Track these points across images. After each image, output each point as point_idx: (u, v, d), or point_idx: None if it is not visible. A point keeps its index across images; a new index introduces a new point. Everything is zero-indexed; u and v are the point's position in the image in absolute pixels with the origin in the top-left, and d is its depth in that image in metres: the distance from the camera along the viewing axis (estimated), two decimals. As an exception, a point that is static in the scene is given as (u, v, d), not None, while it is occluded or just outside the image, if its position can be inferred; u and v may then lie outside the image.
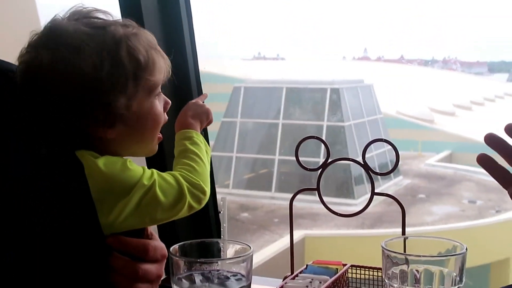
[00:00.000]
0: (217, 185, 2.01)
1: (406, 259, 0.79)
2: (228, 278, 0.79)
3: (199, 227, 1.87)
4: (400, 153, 1.30)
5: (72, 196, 0.98)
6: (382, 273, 0.82)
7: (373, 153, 15.21)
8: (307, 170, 1.35)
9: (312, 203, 14.12)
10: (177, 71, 1.80)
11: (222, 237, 1.85)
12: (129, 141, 1.06)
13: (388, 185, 17.83)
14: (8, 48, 1.07)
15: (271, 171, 18.48)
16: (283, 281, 1.20)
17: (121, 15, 1.68)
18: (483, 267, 14.01)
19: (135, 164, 1.04)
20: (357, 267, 1.25)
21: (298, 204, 2.20)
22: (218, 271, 0.79)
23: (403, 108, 26.01)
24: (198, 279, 0.78)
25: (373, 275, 1.23)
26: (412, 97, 27.93)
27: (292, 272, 1.25)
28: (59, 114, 1.00)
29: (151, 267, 1.05)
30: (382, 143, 1.34)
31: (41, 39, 1.03)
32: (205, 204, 1.83)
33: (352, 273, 1.24)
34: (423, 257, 0.80)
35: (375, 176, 1.23)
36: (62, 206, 0.97)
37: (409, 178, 19.99)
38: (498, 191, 17.76)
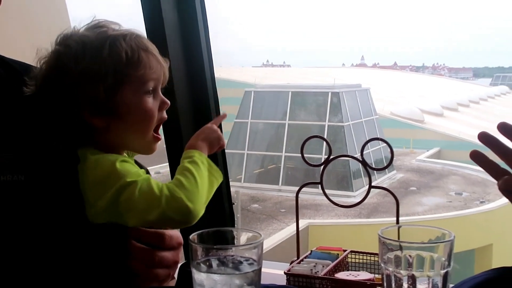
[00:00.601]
0: (230, 179, 2.01)
1: (400, 245, 0.79)
2: (241, 262, 0.79)
3: (215, 217, 1.87)
4: (393, 150, 1.29)
5: (63, 186, 1.02)
6: (378, 258, 0.82)
7: (369, 150, 15.16)
8: (311, 165, 1.34)
9: (315, 195, 14.10)
10: (195, 78, 1.81)
11: (235, 226, 1.85)
12: (123, 133, 1.07)
13: (383, 179, 17.76)
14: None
15: (279, 166, 18.45)
16: (290, 265, 1.20)
17: (146, 32, 1.69)
18: (469, 252, 13.94)
19: (130, 165, 1.03)
20: (356, 252, 1.25)
21: (302, 196, 2.21)
22: (232, 256, 0.79)
23: (396, 109, 25.89)
24: (214, 263, 0.78)
25: (370, 260, 1.22)
26: (404, 100, 27.80)
27: (298, 257, 1.25)
28: (57, 105, 1.03)
29: (168, 254, 1.06)
30: (377, 141, 1.33)
31: (55, 42, 1.07)
32: (220, 196, 1.85)
33: (351, 258, 1.24)
34: (415, 243, 0.80)
35: (372, 170, 1.23)
36: (58, 194, 1.02)
37: (402, 172, 19.90)
38: (482, 184, 17.64)
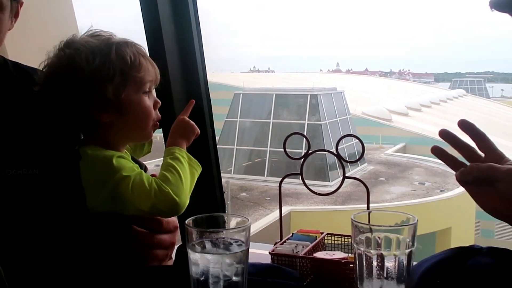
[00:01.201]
0: (221, 171, 2.01)
1: (370, 228, 0.80)
2: (231, 244, 0.79)
3: (208, 204, 1.87)
4: (365, 145, 1.30)
5: (69, 180, 1.01)
6: (351, 239, 0.83)
7: (343, 146, 15.19)
8: (292, 159, 1.34)
9: (296, 185, 14.12)
10: (190, 81, 1.81)
11: (226, 212, 1.85)
12: (126, 127, 1.07)
13: (355, 171, 17.84)
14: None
15: (264, 160, 18.46)
16: (274, 246, 1.20)
17: (146, 39, 1.68)
18: (431, 235, 14.07)
19: (126, 161, 1.03)
20: (332, 234, 1.25)
21: (285, 185, 2.21)
22: (223, 238, 0.79)
23: (367, 109, 25.99)
24: (208, 245, 0.78)
25: (344, 241, 1.23)
26: (374, 101, 27.92)
27: (281, 239, 1.25)
28: (68, 102, 1.02)
29: (166, 237, 1.06)
30: (351, 137, 1.34)
31: (59, 46, 1.06)
32: (212, 186, 1.85)
33: (328, 240, 1.24)
34: (384, 226, 0.80)
35: (345, 163, 1.23)
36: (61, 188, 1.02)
37: (372, 165, 20.00)
38: (442, 175, 17.80)
